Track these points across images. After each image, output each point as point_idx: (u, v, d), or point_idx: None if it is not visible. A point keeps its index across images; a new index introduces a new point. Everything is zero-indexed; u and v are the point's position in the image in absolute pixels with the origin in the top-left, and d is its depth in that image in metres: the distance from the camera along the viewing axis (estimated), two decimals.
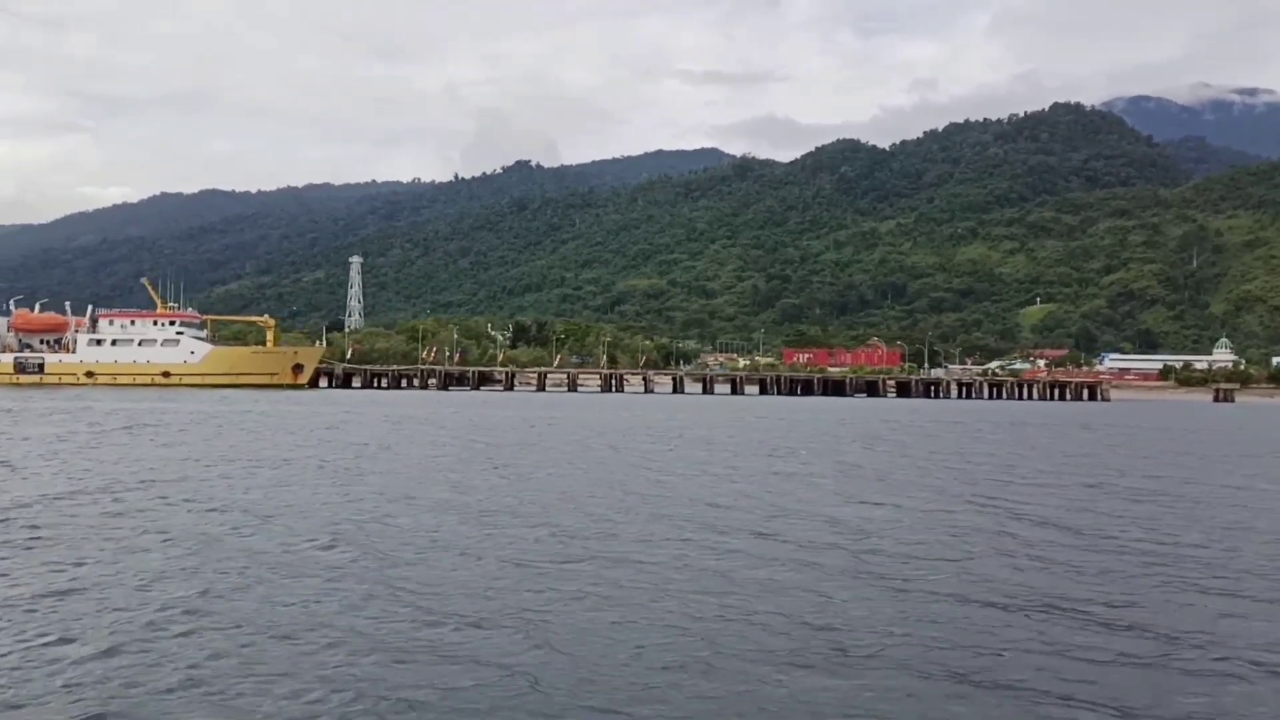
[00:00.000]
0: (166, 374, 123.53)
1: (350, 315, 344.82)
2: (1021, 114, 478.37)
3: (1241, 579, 17.34)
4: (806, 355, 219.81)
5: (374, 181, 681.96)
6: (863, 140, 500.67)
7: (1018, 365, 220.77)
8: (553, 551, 18.49)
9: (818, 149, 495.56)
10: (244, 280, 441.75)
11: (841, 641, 12.75)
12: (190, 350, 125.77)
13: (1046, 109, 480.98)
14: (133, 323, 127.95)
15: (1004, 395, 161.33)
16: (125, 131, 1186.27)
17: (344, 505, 23.92)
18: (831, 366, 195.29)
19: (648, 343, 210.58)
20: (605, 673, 11.31)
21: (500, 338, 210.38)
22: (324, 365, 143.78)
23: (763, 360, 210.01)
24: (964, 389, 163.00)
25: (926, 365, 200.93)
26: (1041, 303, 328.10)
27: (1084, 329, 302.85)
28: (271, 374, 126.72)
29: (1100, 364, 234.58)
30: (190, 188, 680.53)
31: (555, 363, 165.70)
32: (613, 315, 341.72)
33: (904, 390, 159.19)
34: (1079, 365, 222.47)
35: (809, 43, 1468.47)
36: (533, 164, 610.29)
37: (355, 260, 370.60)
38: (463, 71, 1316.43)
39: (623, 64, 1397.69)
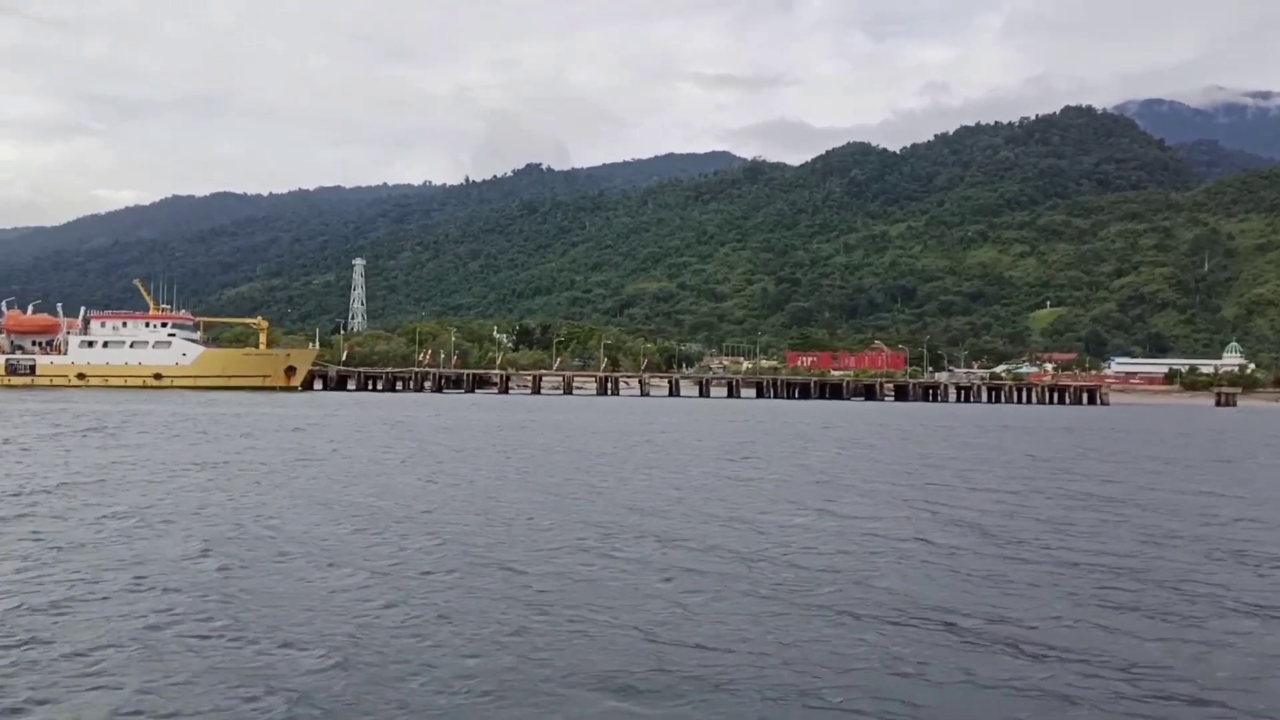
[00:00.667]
0: (158, 376, 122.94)
1: (354, 318, 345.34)
2: (1033, 117, 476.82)
3: (1144, 591, 16.49)
4: (810, 358, 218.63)
5: (385, 184, 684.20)
6: (874, 143, 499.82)
7: (1024, 369, 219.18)
8: (430, 561, 17.70)
9: (828, 152, 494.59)
10: (254, 283, 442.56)
11: (672, 661, 11.97)
12: (182, 352, 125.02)
13: (1058, 112, 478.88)
14: (124, 324, 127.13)
15: (1002, 399, 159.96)
16: (137, 134, 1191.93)
17: (247, 511, 23.23)
18: (835, 370, 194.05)
19: (650, 345, 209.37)
20: (386, 695, 10.56)
21: (505, 340, 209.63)
22: (317, 368, 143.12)
23: (766, 363, 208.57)
24: (962, 392, 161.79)
25: (929, 368, 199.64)
26: (1051, 306, 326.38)
27: (1094, 333, 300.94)
28: (264, 376, 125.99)
29: (1109, 368, 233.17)
30: (201, 190, 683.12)
31: (555, 365, 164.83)
32: (622, 318, 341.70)
33: (901, 394, 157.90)
34: (1085, 369, 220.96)
35: (821, 46, 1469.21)
36: (543, 167, 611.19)
37: (359, 263, 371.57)
38: (474, 74, 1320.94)
39: (634, 67, 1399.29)
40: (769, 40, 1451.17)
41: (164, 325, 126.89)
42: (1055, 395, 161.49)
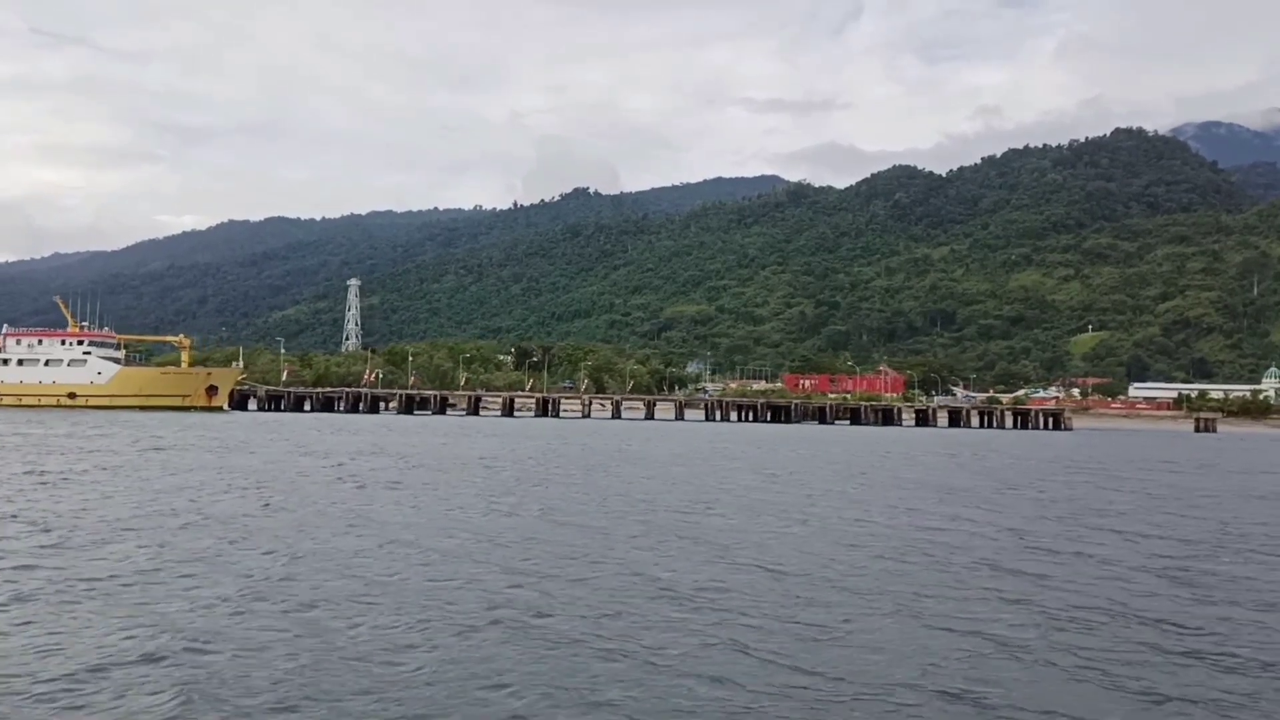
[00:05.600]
0: (73, 395, 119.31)
1: (347, 338, 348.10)
2: (1082, 139, 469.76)
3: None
4: (810, 381, 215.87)
5: (436, 209, 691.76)
6: (925, 167, 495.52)
7: (1042, 393, 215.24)
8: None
9: (873, 175, 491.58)
10: (300, 305, 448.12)
11: None
12: (97, 371, 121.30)
13: (1108, 134, 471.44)
14: (40, 342, 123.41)
15: (962, 424, 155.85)
16: (200, 161, 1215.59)
17: None
18: (832, 393, 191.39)
19: (640, 367, 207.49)
20: None
21: (509, 361, 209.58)
22: (246, 387, 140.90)
23: (760, 386, 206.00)
24: (919, 417, 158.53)
25: (932, 392, 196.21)
26: (1094, 330, 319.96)
27: (1135, 357, 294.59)
28: (183, 395, 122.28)
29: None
30: (257, 215, 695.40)
31: (528, 386, 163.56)
32: (659, 341, 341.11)
33: (856, 418, 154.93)
34: (1115, 395, 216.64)
35: (873, 70, 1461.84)
36: (591, 191, 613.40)
37: (353, 283, 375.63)
38: (527, 99, 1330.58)
39: (686, 92, 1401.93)
40: (820, 65, 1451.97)
41: (80, 343, 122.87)
42: (1019, 420, 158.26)
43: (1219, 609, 17.11)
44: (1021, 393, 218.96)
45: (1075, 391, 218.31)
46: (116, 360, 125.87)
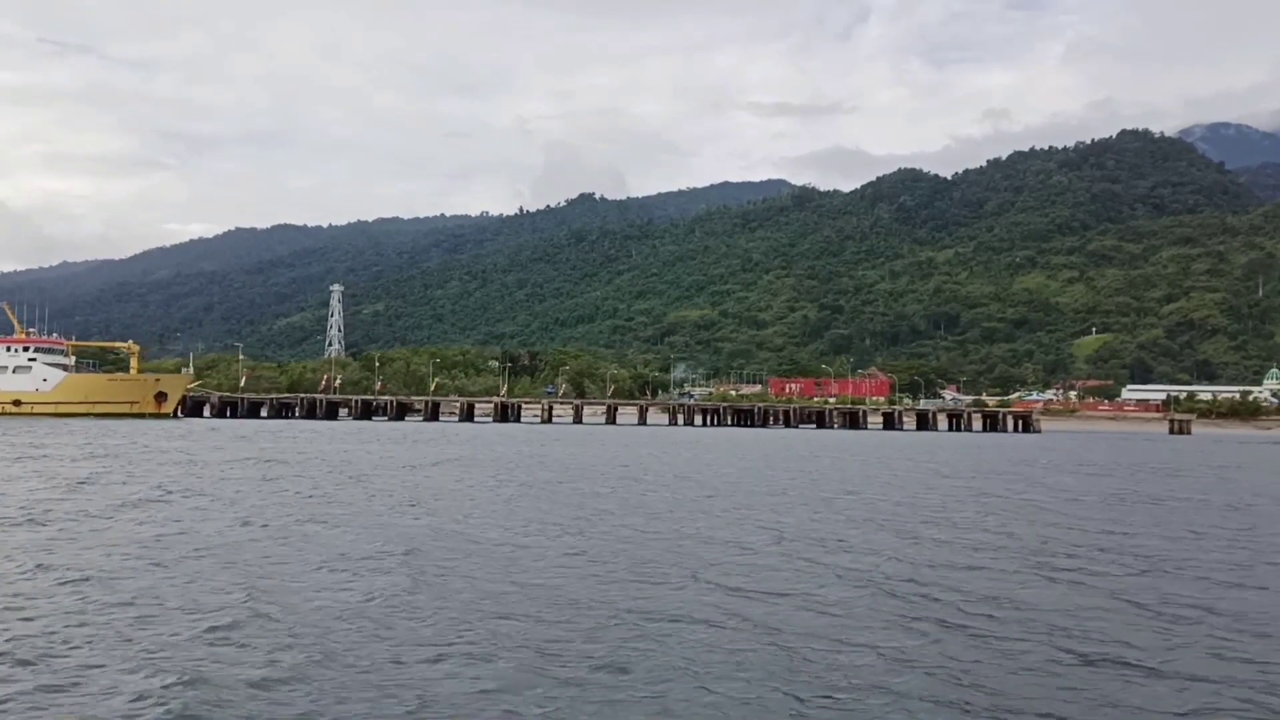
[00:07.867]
0: (18, 403, 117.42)
1: (330, 344, 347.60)
2: (1088, 141, 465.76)
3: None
4: (796, 386, 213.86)
5: (442, 215, 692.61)
6: (931, 170, 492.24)
7: (1035, 395, 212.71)
8: None
9: (878, 179, 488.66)
10: (305, 313, 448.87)
11: None
12: (43, 378, 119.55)
13: (1114, 136, 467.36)
14: None
15: (930, 427, 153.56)
16: (208, 169, 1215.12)
17: None
18: (817, 397, 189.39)
19: (621, 371, 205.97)
20: None
21: (496, 366, 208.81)
22: (198, 394, 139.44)
23: (750, 391, 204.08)
24: (886, 420, 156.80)
25: (903, 395, 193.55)
26: (1098, 333, 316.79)
27: (1139, 360, 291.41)
28: (131, 402, 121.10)
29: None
30: (265, 223, 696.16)
31: (502, 392, 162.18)
32: (662, 346, 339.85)
33: (821, 421, 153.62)
34: (1112, 398, 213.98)
35: (880, 73, 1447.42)
36: (596, 196, 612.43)
37: (336, 289, 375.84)
38: (533, 105, 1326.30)
39: (693, 97, 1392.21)
40: (827, 69, 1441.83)
41: (25, 349, 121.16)
42: (989, 422, 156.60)
43: (873, 629, 15.33)
44: (1015, 395, 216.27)
45: (1073, 394, 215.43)
46: (64, 367, 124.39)
